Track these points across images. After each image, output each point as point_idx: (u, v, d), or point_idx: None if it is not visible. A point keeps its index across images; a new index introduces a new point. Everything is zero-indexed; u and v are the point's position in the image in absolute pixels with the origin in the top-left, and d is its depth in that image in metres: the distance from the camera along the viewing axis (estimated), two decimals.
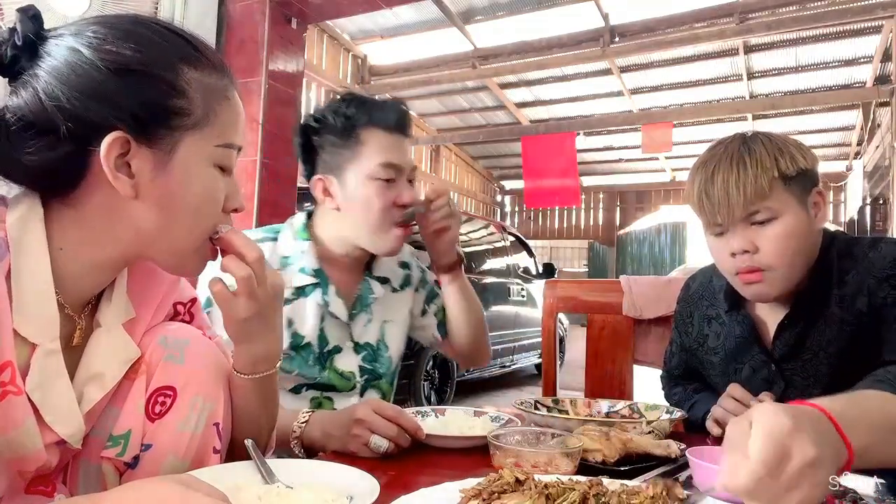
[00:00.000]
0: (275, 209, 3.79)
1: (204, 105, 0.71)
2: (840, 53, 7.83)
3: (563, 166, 8.47)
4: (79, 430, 0.71)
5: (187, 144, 0.70)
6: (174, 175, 0.69)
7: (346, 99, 1.27)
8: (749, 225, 1.05)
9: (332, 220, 1.29)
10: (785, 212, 1.04)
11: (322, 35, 8.16)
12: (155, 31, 0.70)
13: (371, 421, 0.96)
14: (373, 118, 1.23)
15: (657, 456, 0.91)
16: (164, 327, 0.83)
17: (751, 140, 1.09)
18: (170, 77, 0.68)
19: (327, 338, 1.26)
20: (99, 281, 0.74)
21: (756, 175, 1.03)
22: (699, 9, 6.87)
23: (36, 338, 0.66)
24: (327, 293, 1.26)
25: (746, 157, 1.05)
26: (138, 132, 0.66)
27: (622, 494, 0.66)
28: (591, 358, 1.66)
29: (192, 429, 0.78)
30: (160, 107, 0.67)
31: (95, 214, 0.69)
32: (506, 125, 10.91)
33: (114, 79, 0.65)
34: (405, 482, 0.83)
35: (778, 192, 1.04)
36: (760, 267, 1.05)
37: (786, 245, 1.04)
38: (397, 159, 1.23)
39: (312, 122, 1.27)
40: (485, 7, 7.38)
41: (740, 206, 1.03)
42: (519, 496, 0.65)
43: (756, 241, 1.05)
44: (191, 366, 0.80)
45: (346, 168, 1.23)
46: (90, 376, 0.73)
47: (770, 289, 1.07)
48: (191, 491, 0.54)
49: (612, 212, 15.88)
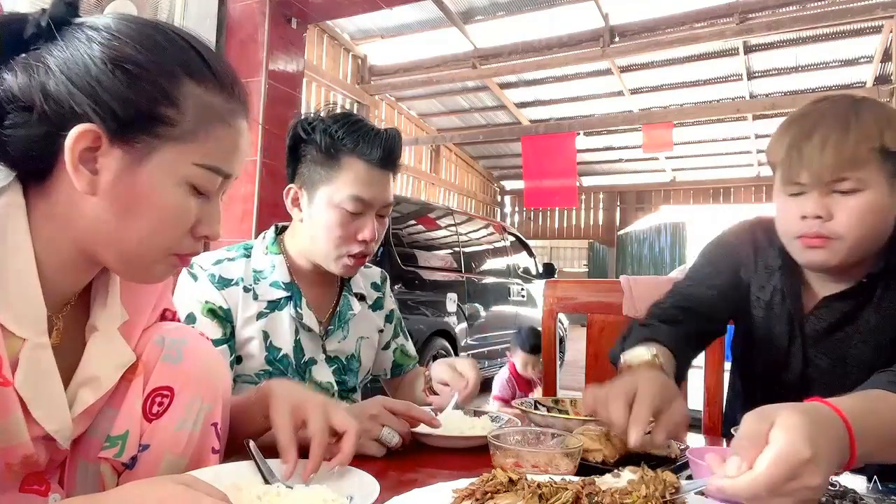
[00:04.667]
0: (275, 209, 3.79)
1: (195, 120, 0.68)
2: (840, 53, 7.83)
3: (563, 167, 8.46)
4: (66, 426, 0.71)
5: (163, 155, 0.67)
6: (139, 182, 0.67)
7: (339, 119, 1.24)
8: (830, 192, 1.00)
9: (298, 232, 1.29)
10: (872, 186, 0.98)
11: (322, 35, 8.15)
12: (167, 38, 0.68)
13: (383, 416, 0.98)
14: (357, 148, 1.21)
15: (657, 456, 0.91)
16: (161, 327, 0.83)
17: (861, 103, 1.02)
18: (164, 83, 0.66)
19: (303, 349, 1.28)
20: (73, 279, 0.73)
21: (857, 141, 0.97)
22: (699, 9, 6.86)
23: (22, 332, 0.65)
24: (300, 305, 1.27)
25: (853, 119, 0.98)
26: (114, 130, 0.65)
27: (615, 494, 0.66)
28: (591, 358, 1.66)
29: (190, 429, 0.78)
30: (145, 111, 0.66)
31: (60, 207, 0.68)
32: (506, 125, 10.90)
33: (106, 72, 0.64)
34: (405, 482, 0.84)
35: (872, 164, 0.98)
36: (829, 235, 1.00)
37: (862, 220, 0.99)
38: (369, 195, 1.21)
39: (301, 130, 1.26)
40: (485, 7, 7.37)
41: (830, 169, 0.98)
42: (512, 496, 0.65)
43: (833, 208, 1.00)
44: (188, 366, 0.80)
45: (318, 187, 1.22)
46: (85, 379, 0.73)
47: (829, 257, 1.02)
48: (191, 491, 0.54)
49: (612, 212, 15.87)
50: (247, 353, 1.23)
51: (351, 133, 1.22)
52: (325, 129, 1.22)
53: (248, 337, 1.23)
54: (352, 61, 8.84)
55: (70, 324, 0.75)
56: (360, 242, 1.23)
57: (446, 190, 13.02)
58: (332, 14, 4.75)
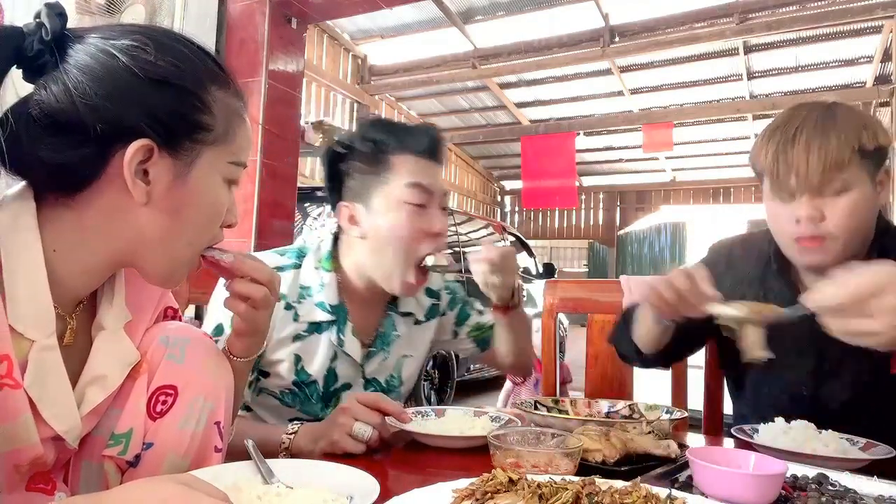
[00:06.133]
0: (275, 209, 3.79)
1: (224, 123, 0.74)
2: (840, 53, 7.83)
3: (562, 167, 8.47)
4: (76, 426, 0.72)
5: (206, 159, 0.73)
6: (189, 186, 0.72)
7: (376, 124, 1.24)
8: (820, 194, 1.05)
9: (356, 250, 1.23)
10: (857, 185, 1.05)
11: (322, 35, 8.15)
12: (190, 49, 0.73)
13: (354, 409, 0.97)
14: (403, 143, 1.19)
15: (657, 456, 0.91)
16: (164, 327, 0.84)
17: (834, 108, 1.08)
18: (200, 93, 0.71)
19: (337, 376, 1.22)
20: (89, 283, 0.75)
21: (839, 145, 1.02)
22: (699, 9, 6.87)
23: (31, 334, 0.66)
24: (343, 331, 1.21)
25: (831, 124, 1.04)
26: (164, 142, 0.69)
27: (615, 494, 0.66)
28: (591, 358, 1.66)
29: (193, 427, 0.78)
30: (189, 120, 0.71)
31: (96, 219, 0.70)
32: (506, 125, 10.90)
33: (150, 88, 0.67)
34: (405, 482, 0.84)
35: (854, 164, 1.04)
36: (823, 235, 1.06)
37: (852, 217, 1.05)
38: (427, 181, 1.18)
39: (340, 148, 1.23)
40: (485, 7, 7.37)
41: (818, 174, 1.03)
42: (512, 496, 0.65)
43: (824, 209, 1.05)
44: (192, 365, 0.80)
45: (373, 194, 1.18)
46: (93, 378, 0.74)
47: (826, 256, 1.08)
48: (192, 491, 0.54)
49: (612, 212, 15.86)
50: (274, 373, 1.19)
51: (392, 133, 1.20)
52: (363, 136, 1.20)
53: (278, 359, 1.18)
54: (352, 61, 8.84)
55: (81, 324, 0.76)
56: (431, 238, 1.19)
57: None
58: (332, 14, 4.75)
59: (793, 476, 0.83)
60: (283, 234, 3.85)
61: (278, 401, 1.20)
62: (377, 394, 1.02)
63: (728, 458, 0.82)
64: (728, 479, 0.74)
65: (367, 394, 1.02)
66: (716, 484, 0.75)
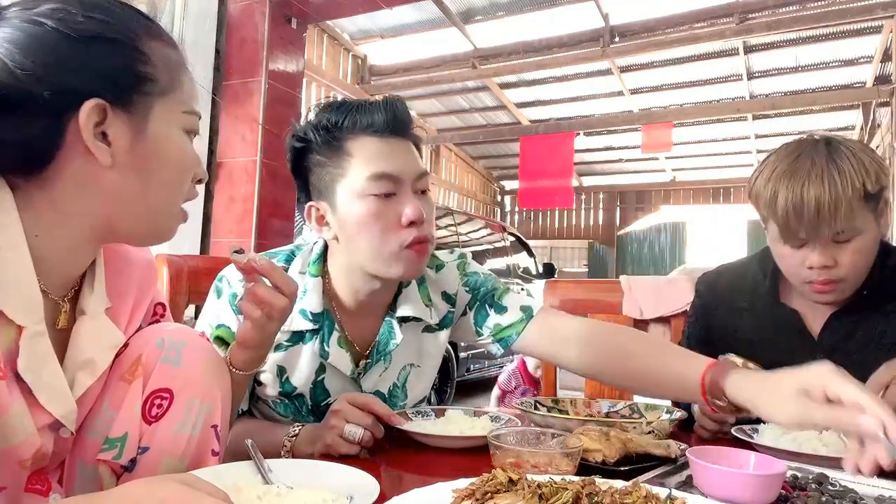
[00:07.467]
0: (275, 209, 3.80)
1: (168, 73, 0.73)
2: (840, 53, 7.82)
3: (560, 167, 8.47)
4: (72, 410, 0.71)
5: (159, 111, 0.72)
6: (151, 140, 0.71)
7: (328, 107, 1.09)
8: (831, 241, 1.09)
9: (335, 252, 1.12)
10: (865, 228, 1.09)
11: (322, 35, 8.15)
12: (114, 4, 0.71)
13: (345, 410, 0.96)
14: (358, 123, 1.04)
15: (657, 456, 0.91)
16: (160, 329, 0.83)
17: (835, 152, 1.10)
18: (137, 44, 0.70)
19: (328, 391, 1.11)
20: (78, 262, 0.74)
21: (849, 197, 1.05)
22: (699, 9, 6.86)
23: (20, 319, 0.66)
24: (328, 342, 1.09)
25: (836, 175, 1.07)
26: (114, 98, 0.67)
27: (615, 494, 0.66)
28: None
29: (190, 431, 0.78)
30: (132, 72, 0.69)
31: (68, 192, 0.69)
32: (506, 125, 10.89)
33: (85, 46, 0.66)
34: (405, 482, 0.84)
35: (861, 210, 1.07)
36: (836, 279, 1.11)
37: (863, 259, 1.11)
38: (391, 167, 1.03)
39: (296, 140, 1.10)
40: (485, 7, 7.36)
41: (830, 227, 1.07)
42: (512, 496, 0.65)
43: (837, 256, 1.09)
44: (188, 368, 0.80)
45: (334, 187, 1.05)
46: (81, 362, 0.73)
47: (840, 296, 1.14)
48: (193, 490, 0.54)
49: (612, 212, 15.84)
50: (262, 383, 1.11)
51: (345, 113, 1.06)
52: (316, 124, 1.08)
53: (262, 370, 1.08)
54: (352, 61, 8.83)
55: (75, 307, 0.76)
56: (407, 228, 1.03)
57: (446, 190, 13.01)
58: (332, 14, 4.76)
59: (793, 476, 0.83)
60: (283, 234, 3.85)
61: (272, 410, 1.16)
62: (369, 395, 1.00)
63: (728, 458, 0.82)
64: (728, 478, 0.74)
65: (357, 395, 1.00)
66: (716, 484, 0.75)
